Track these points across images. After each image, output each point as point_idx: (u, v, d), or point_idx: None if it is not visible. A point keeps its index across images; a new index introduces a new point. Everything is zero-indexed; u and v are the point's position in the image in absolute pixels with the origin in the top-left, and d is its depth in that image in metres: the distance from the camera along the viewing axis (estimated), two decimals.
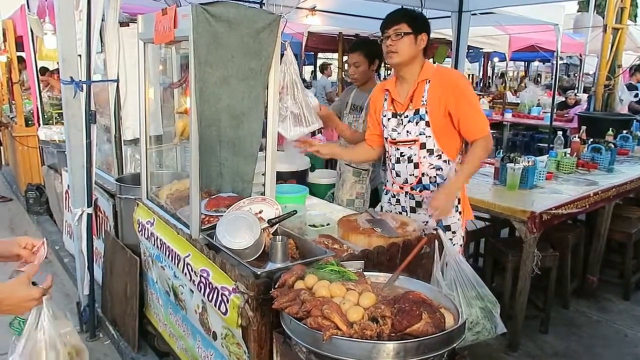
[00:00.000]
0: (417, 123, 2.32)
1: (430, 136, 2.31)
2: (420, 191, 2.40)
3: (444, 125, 2.31)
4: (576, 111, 7.95)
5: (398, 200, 2.50)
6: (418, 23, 2.32)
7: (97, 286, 3.22)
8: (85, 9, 2.76)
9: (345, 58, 11.66)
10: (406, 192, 2.45)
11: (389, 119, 2.44)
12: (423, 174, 2.37)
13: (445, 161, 2.34)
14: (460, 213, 2.39)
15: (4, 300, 1.29)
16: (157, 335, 2.73)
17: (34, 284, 1.37)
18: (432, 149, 2.33)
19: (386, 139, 2.47)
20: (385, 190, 2.64)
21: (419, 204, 2.42)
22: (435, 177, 2.36)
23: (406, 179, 2.42)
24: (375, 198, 3.24)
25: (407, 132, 2.36)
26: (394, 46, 2.30)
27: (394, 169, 2.47)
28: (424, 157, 2.35)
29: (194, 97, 2.04)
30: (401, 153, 2.41)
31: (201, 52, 2.00)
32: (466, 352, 1.55)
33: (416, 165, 2.37)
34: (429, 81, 2.31)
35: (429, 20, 2.42)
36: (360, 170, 3.21)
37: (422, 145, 2.34)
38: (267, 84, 2.20)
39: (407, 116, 2.36)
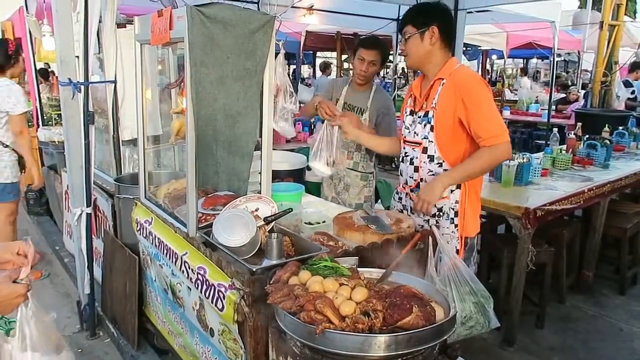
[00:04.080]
0: (424, 126, 2.27)
1: (432, 141, 2.25)
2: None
3: (449, 132, 2.22)
4: (573, 108, 7.98)
5: (401, 198, 2.50)
6: (421, 18, 2.24)
7: (96, 285, 3.25)
8: (83, 10, 2.79)
9: (344, 57, 11.72)
10: (406, 193, 2.44)
11: (407, 115, 2.42)
12: (422, 179, 2.32)
13: (446, 170, 2.25)
14: (455, 226, 2.28)
15: None
16: (156, 332, 2.76)
17: (15, 282, 1.38)
18: (433, 156, 2.27)
19: (402, 134, 2.45)
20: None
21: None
22: None
23: (406, 180, 2.41)
24: (375, 197, 3.27)
25: (415, 133, 2.32)
26: (405, 50, 2.32)
27: (399, 166, 2.47)
28: (424, 162, 2.30)
29: (190, 97, 2.07)
30: (405, 153, 2.40)
31: (197, 53, 2.03)
32: (457, 345, 1.58)
33: (416, 169, 2.33)
34: (443, 82, 2.23)
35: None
36: (367, 174, 3.22)
37: (424, 150, 2.29)
38: (262, 84, 2.23)
39: (419, 116, 2.31)
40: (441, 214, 2.28)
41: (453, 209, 2.27)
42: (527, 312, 3.33)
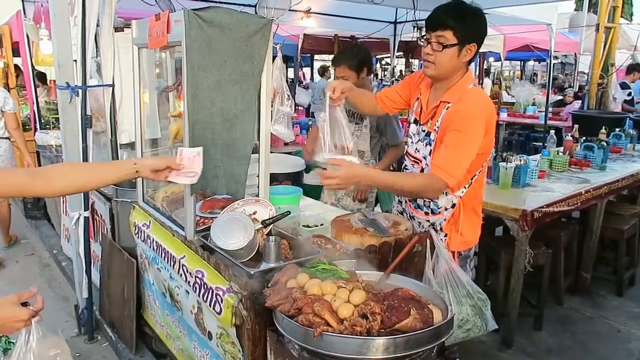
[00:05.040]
0: (425, 145, 2.14)
1: (428, 165, 2.11)
2: (415, 208, 2.29)
3: None
4: (569, 110, 8.01)
5: (401, 202, 2.44)
6: (468, 31, 1.94)
7: (94, 289, 3.25)
8: (80, 14, 2.79)
9: None
10: (405, 201, 2.38)
11: (412, 122, 2.26)
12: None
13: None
14: (445, 235, 2.19)
15: None
16: (154, 336, 2.76)
17: (25, 304, 1.38)
18: None
19: (407, 140, 2.31)
20: None
21: (412, 218, 2.33)
22: (429, 201, 2.19)
23: None
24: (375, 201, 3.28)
25: (416, 149, 2.20)
26: (432, 56, 1.98)
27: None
28: None
29: (187, 101, 2.08)
30: (405, 166, 2.31)
31: (194, 56, 2.04)
32: (455, 347, 1.59)
33: None
34: (449, 106, 2.03)
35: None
36: None
37: (422, 170, 2.17)
38: (259, 87, 2.24)
39: (423, 131, 2.16)
40: (434, 227, 2.24)
41: (440, 224, 2.20)
42: (525, 314, 3.33)
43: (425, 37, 2.03)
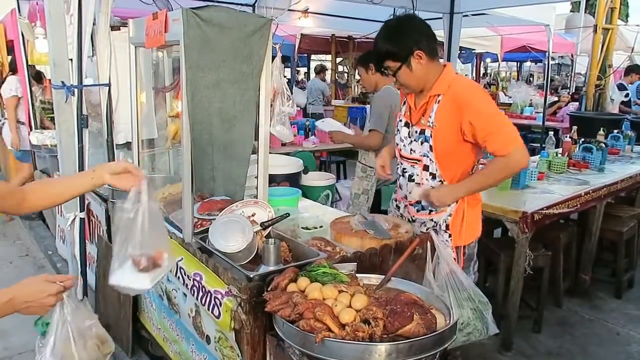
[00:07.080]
0: (421, 143, 2.16)
1: (433, 161, 2.15)
2: (418, 211, 2.27)
3: (451, 150, 2.12)
4: (566, 112, 8.02)
5: (399, 207, 2.42)
6: (400, 50, 2.06)
7: (90, 291, 3.21)
8: (76, 13, 2.76)
9: (338, 60, 11.75)
10: (405, 205, 2.35)
11: (402, 125, 2.29)
12: None
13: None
14: (449, 235, 2.20)
15: (17, 297, 1.29)
16: (151, 339, 2.72)
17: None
18: (435, 174, 2.17)
19: (397, 144, 2.33)
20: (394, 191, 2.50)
21: (413, 221, 2.31)
22: None
23: (406, 195, 2.31)
24: (377, 198, 3.28)
25: (412, 150, 2.22)
26: (396, 84, 2.23)
27: (398, 179, 2.37)
28: (427, 179, 2.19)
29: (186, 100, 2.05)
30: (404, 169, 2.28)
31: (192, 56, 2.01)
32: (458, 352, 1.57)
33: (418, 185, 2.22)
34: (439, 99, 2.10)
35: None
36: (367, 167, 3.24)
37: (425, 167, 2.18)
38: (258, 87, 2.21)
39: (416, 131, 2.19)
40: (437, 226, 2.22)
41: (445, 221, 2.20)
42: (524, 317, 3.32)
43: (382, 69, 2.18)
